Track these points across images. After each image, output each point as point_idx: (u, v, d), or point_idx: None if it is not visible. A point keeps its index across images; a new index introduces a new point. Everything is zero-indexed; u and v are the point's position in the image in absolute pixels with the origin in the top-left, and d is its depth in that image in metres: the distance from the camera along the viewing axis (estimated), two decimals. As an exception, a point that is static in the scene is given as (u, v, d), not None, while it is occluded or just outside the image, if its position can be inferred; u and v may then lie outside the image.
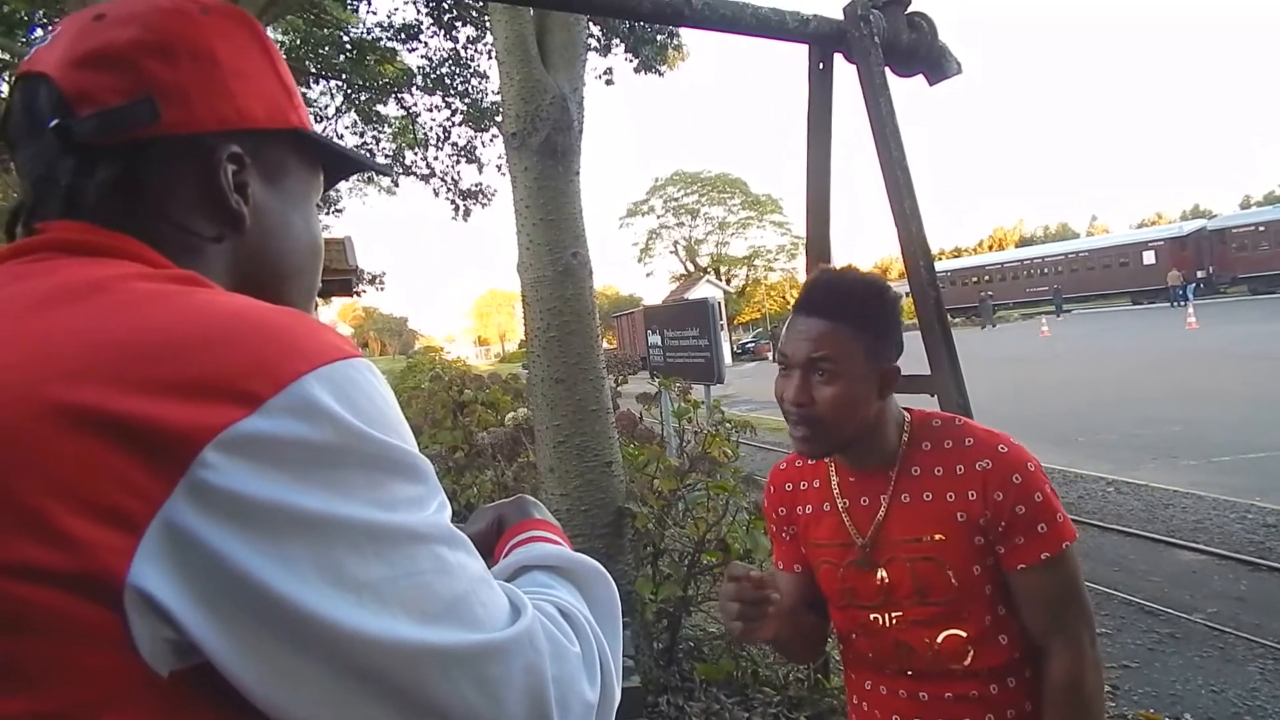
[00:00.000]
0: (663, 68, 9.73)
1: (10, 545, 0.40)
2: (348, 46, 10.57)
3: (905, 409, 1.30)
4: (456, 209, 12.53)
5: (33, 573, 0.39)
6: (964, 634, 1.19)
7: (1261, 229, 31.92)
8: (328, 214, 13.63)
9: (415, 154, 12.38)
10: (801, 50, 2.59)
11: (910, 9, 2.57)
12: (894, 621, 1.23)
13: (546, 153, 3.54)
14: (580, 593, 0.60)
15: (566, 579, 0.61)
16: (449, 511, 0.51)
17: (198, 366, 0.43)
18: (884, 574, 1.23)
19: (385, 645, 0.43)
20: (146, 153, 0.55)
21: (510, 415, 5.41)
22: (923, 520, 1.20)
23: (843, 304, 1.20)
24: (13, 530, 0.40)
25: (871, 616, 1.25)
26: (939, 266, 2.96)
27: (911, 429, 1.27)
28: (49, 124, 0.53)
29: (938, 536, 1.19)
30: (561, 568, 0.61)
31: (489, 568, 0.53)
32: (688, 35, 9.83)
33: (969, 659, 1.19)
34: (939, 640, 1.20)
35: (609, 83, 9.87)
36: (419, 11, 9.99)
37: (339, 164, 0.71)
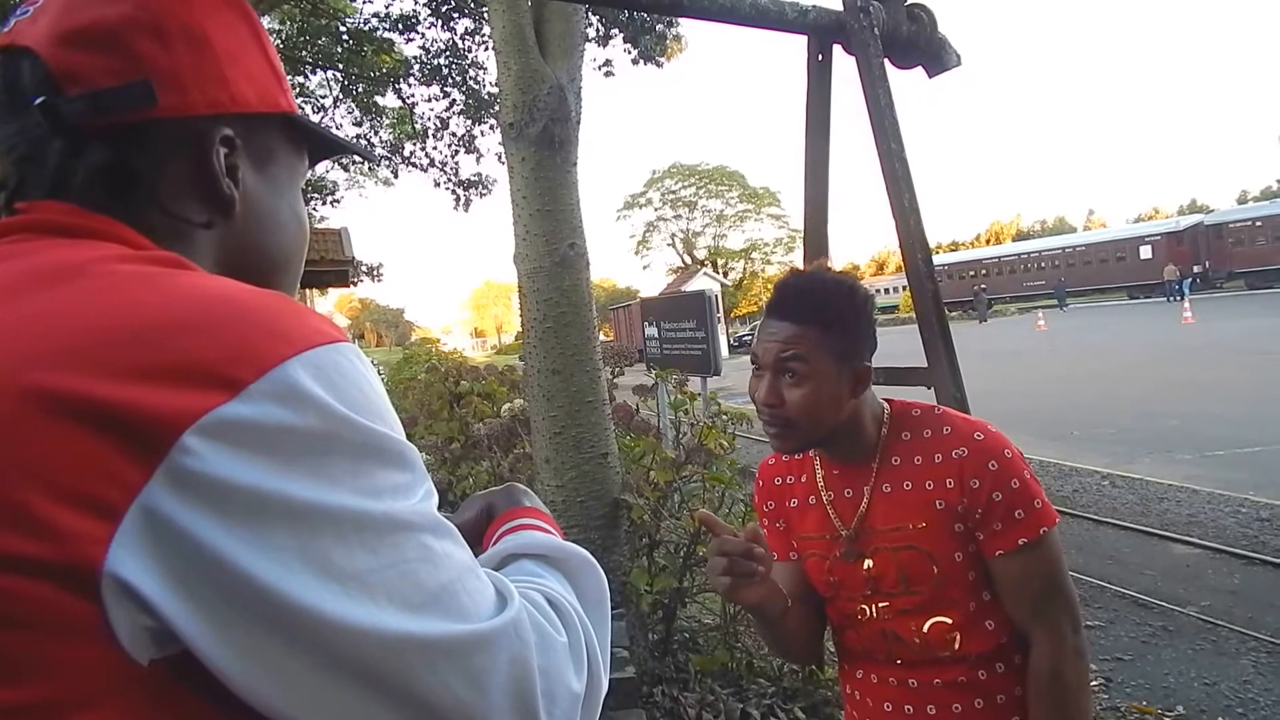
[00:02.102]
0: (662, 58, 9.67)
1: None
2: (345, 37, 10.51)
3: (886, 400, 1.31)
4: (458, 199, 12.47)
5: (8, 562, 0.39)
6: (949, 620, 1.19)
7: (1258, 224, 31.92)
8: (325, 204, 13.58)
9: (414, 145, 12.32)
10: (800, 41, 2.57)
11: (910, 1, 2.56)
12: (881, 611, 1.24)
13: (544, 143, 3.52)
14: (569, 582, 0.59)
15: (555, 568, 0.60)
16: (436, 499, 0.50)
17: (178, 351, 0.42)
18: (869, 564, 1.23)
19: (370, 636, 0.42)
20: (138, 136, 0.54)
21: (506, 407, 5.40)
22: (904, 509, 1.21)
23: (812, 306, 1.20)
24: None
25: (859, 607, 1.26)
26: (935, 260, 2.96)
27: (891, 420, 1.27)
28: (33, 101, 0.51)
29: (919, 525, 1.19)
30: (550, 556, 0.61)
31: (477, 556, 0.52)
32: (686, 26, 9.78)
33: (955, 645, 1.19)
34: (925, 628, 1.20)
35: (608, 74, 9.80)
36: (416, 2, 9.94)
37: (320, 147, 0.70)
